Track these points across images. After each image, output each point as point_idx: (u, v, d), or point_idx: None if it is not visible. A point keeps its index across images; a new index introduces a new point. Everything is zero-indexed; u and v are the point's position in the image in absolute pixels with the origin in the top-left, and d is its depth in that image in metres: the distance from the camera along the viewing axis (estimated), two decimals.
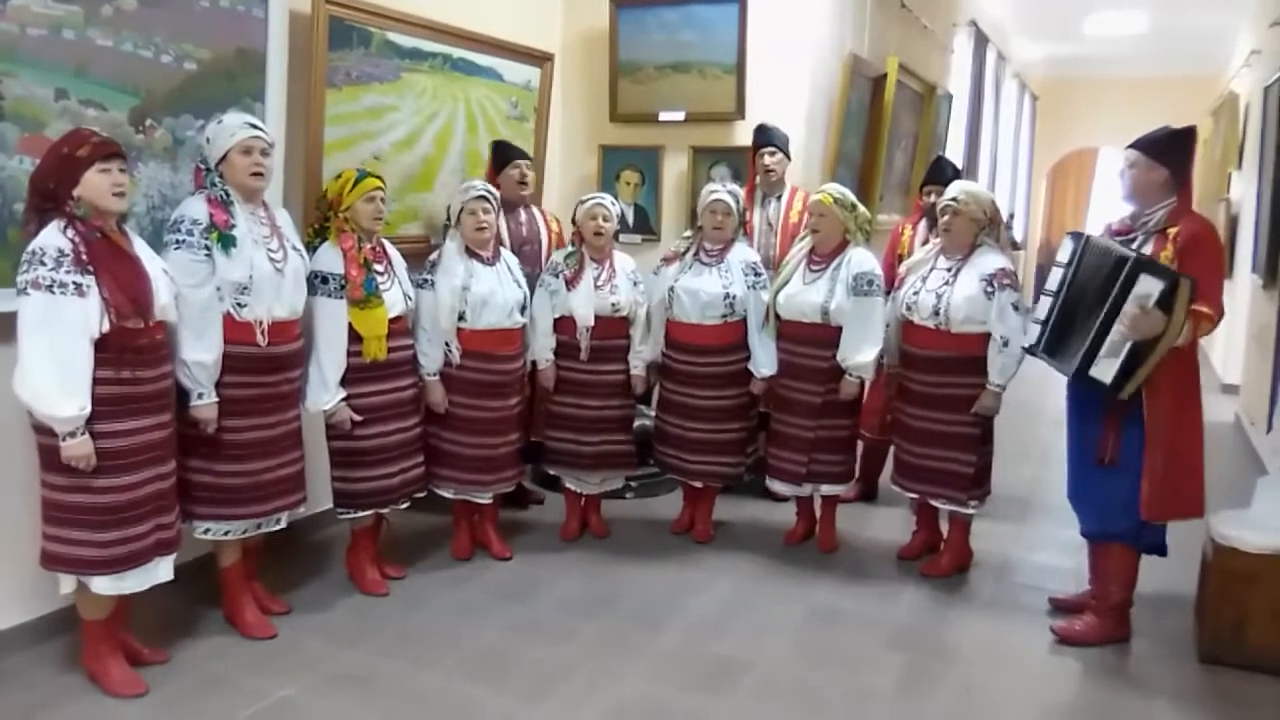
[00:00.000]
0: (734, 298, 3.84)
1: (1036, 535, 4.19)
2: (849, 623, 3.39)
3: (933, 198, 4.37)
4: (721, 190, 3.89)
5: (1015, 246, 11.35)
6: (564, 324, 3.87)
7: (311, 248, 3.30)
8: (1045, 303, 3.27)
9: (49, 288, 2.49)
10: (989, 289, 3.49)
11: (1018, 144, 11.60)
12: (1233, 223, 7.67)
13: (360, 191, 3.28)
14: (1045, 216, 14.26)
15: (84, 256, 2.53)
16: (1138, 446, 3.10)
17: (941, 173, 4.46)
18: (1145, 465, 3.10)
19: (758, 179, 4.47)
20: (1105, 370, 3.05)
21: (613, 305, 3.85)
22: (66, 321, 2.50)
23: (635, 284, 3.94)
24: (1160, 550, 3.25)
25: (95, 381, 2.56)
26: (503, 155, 4.19)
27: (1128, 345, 2.99)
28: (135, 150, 3.03)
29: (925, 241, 4.28)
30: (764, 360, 3.89)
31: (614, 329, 3.90)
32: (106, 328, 2.56)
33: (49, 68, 2.79)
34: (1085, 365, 3.10)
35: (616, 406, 3.98)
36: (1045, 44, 10.90)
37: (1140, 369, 3.00)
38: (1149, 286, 2.94)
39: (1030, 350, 3.36)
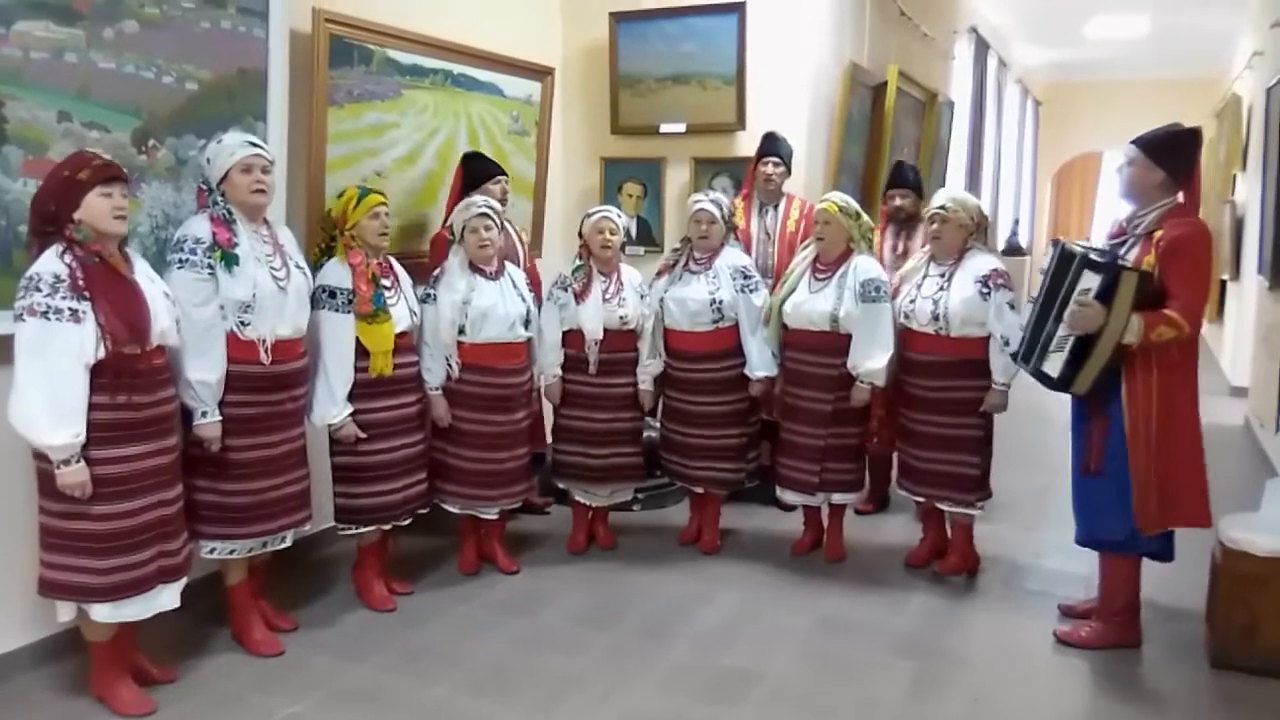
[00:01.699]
0: (721, 303, 3.85)
1: (1046, 541, 4.18)
2: (858, 631, 3.38)
3: (896, 201, 4.46)
4: (705, 200, 3.91)
5: (1019, 252, 11.34)
6: (572, 337, 3.87)
7: (318, 266, 3.31)
8: (1028, 310, 3.29)
9: (44, 314, 2.48)
10: (984, 290, 3.51)
11: (1021, 149, 11.61)
12: (1238, 225, 7.65)
13: (365, 208, 3.30)
14: (1050, 222, 14.25)
15: (80, 282, 2.52)
16: (1120, 455, 3.07)
17: (903, 177, 4.53)
18: (1131, 472, 3.05)
19: (755, 187, 4.48)
20: (1053, 365, 3.08)
21: (620, 318, 3.86)
22: (60, 348, 2.49)
23: (642, 297, 3.95)
24: (1161, 556, 3.21)
25: (91, 407, 2.55)
26: (481, 171, 4.08)
27: (1070, 340, 3.00)
28: (138, 171, 3.05)
29: (894, 248, 4.31)
30: (759, 362, 3.89)
31: (622, 342, 3.91)
32: (102, 354, 2.55)
33: (52, 90, 2.81)
34: (1039, 362, 3.12)
35: (626, 419, 3.98)
36: (1046, 49, 10.91)
37: (1087, 364, 2.99)
38: (1089, 281, 2.94)
39: (1014, 358, 3.38)
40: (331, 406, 3.27)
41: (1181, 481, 3.06)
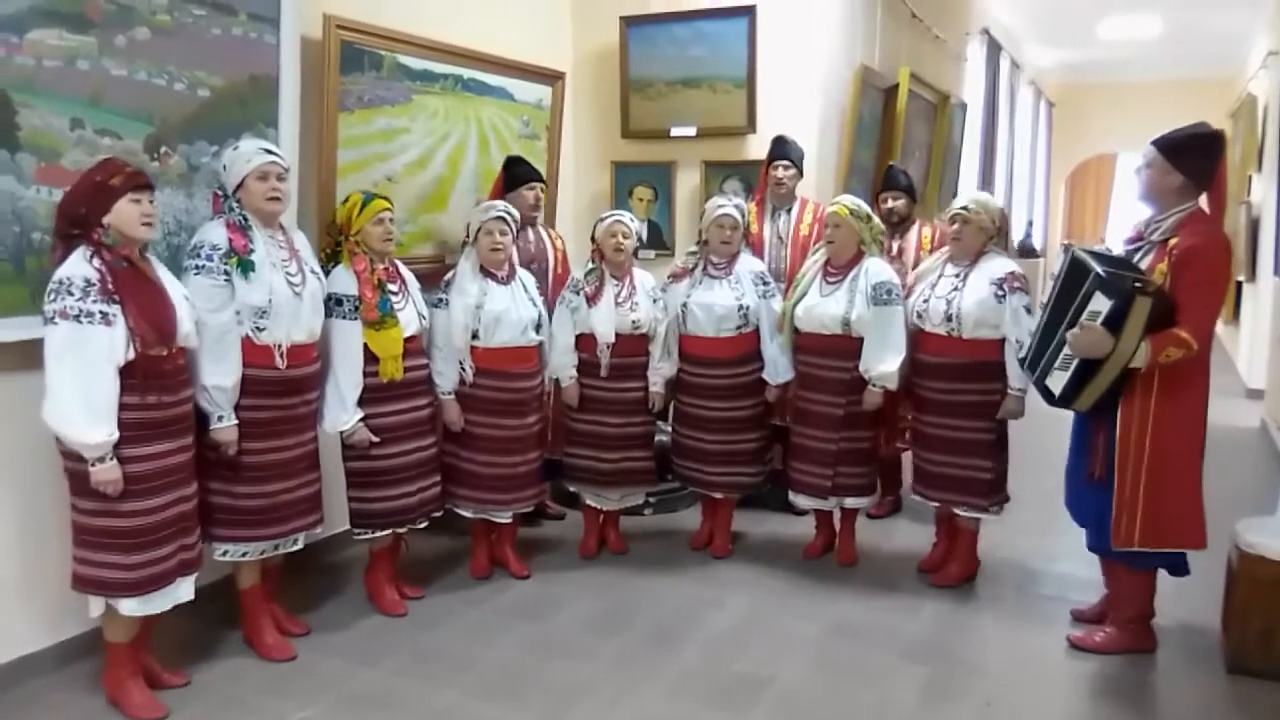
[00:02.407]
0: (747, 308, 3.85)
1: (1058, 546, 4.15)
2: (869, 637, 3.37)
3: (889, 203, 4.51)
4: (729, 205, 3.90)
5: (1032, 254, 11.29)
6: (584, 341, 3.87)
7: (325, 272, 3.31)
8: (1038, 316, 3.25)
9: (76, 317, 2.52)
10: (999, 293, 3.48)
11: (1035, 151, 11.56)
12: (1254, 225, 7.60)
13: (369, 214, 3.31)
14: (1065, 223, 14.18)
15: (110, 286, 2.56)
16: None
17: (895, 180, 4.59)
18: (1115, 484, 3.00)
19: (768, 191, 4.47)
20: (1056, 382, 3.03)
21: (633, 322, 3.85)
22: (93, 350, 2.53)
23: (655, 301, 3.94)
24: (1176, 570, 3.16)
25: (121, 407, 2.59)
26: (518, 175, 4.19)
27: (1075, 361, 2.94)
28: (150, 178, 3.06)
29: (887, 250, 4.30)
30: (779, 368, 3.89)
31: (634, 346, 3.90)
32: (131, 355, 2.59)
33: (64, 98, 2.83)
34: (1042, 376, 3.08)
35: (638, 423, 3.98)
36: (1059, 50, 10.86)
37: (1090, 385, 2.94)
38: (1099, 305, 2.84)
39: (1021, 363, 3.35)
40: (342, 413, 3.28)
41: (1173, 503, 2.99)
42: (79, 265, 2.56)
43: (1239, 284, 8.13)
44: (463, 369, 3.62)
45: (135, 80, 3.01)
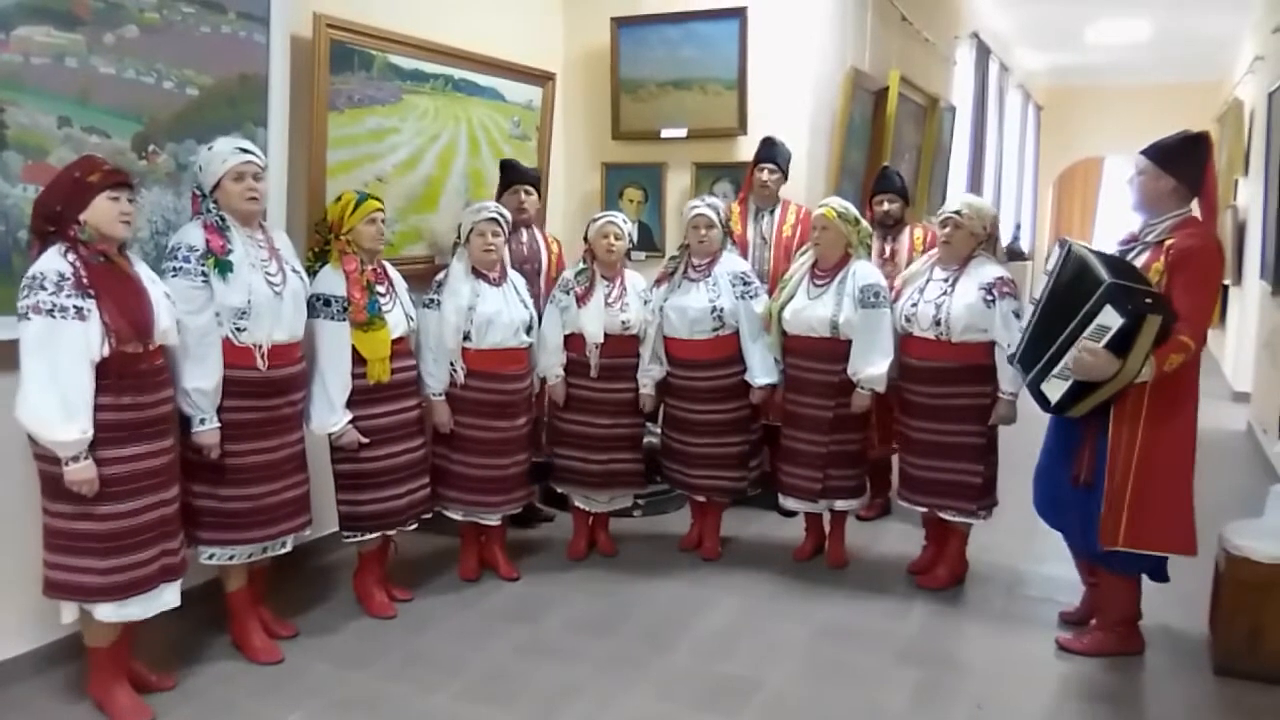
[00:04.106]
0: (721, 310, 3.83)
1: (1047, 548, 4.14)
2: (859, 639, 3.37)
3: (884, 206, 4.51)
4: (702, 205, 3.90)
5: (1020, 257, 11.33)
6: (574, 341, 3.86)
7: (312, 271, 3.29)
8: (1029, 312, 3.25)
9: (49, 312, 2.48)
10: (989, 297, 3.48)
11: (1023, 154, 11.59)
12: (1240, 230, 7.64)
13: (362, 214, 3.29)
14: (1052, 226, 14.23)
15: (85, 280, 2.53)
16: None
17: (890, 182, 4.59)
18: (1105, 485, 3.00)
19: (751, 193, 4.47)
20: (1054, 390, 3.01)
21: (623, 323, 3.85)
22: (67, 345, 2.50)
23: (645, 302, 3.94)
24: (1155, 576, 3.17)
25: (96, 408, 2.55)
26: (506, 177, 4.22)
27: (1074, 376, 2.94)
28: (138, 176, 3.03)
29: (880, 251, 4.31)
30: (760, 370, 3.88)
31: (624, 347, 3.90)
32: (107, 352, 2.55)
33: (52, 96, 2.81)
34: (1038, 379, 3.06)
35: (626, 425, 3.97)
36: (1048, 54, 10.90)
37: (1090, 397, 2.94)
38: (1109, 320, 2.81)
39: (1010, 360, 3.34)
40: (330, 415, 3.26)
41: (1162, 506, 2.99)
42: (53, 260, 2.53)
43: (1225, 287, 8.17)
44: (454, 370, 3.61)
45: (124, 78, 2.98)
